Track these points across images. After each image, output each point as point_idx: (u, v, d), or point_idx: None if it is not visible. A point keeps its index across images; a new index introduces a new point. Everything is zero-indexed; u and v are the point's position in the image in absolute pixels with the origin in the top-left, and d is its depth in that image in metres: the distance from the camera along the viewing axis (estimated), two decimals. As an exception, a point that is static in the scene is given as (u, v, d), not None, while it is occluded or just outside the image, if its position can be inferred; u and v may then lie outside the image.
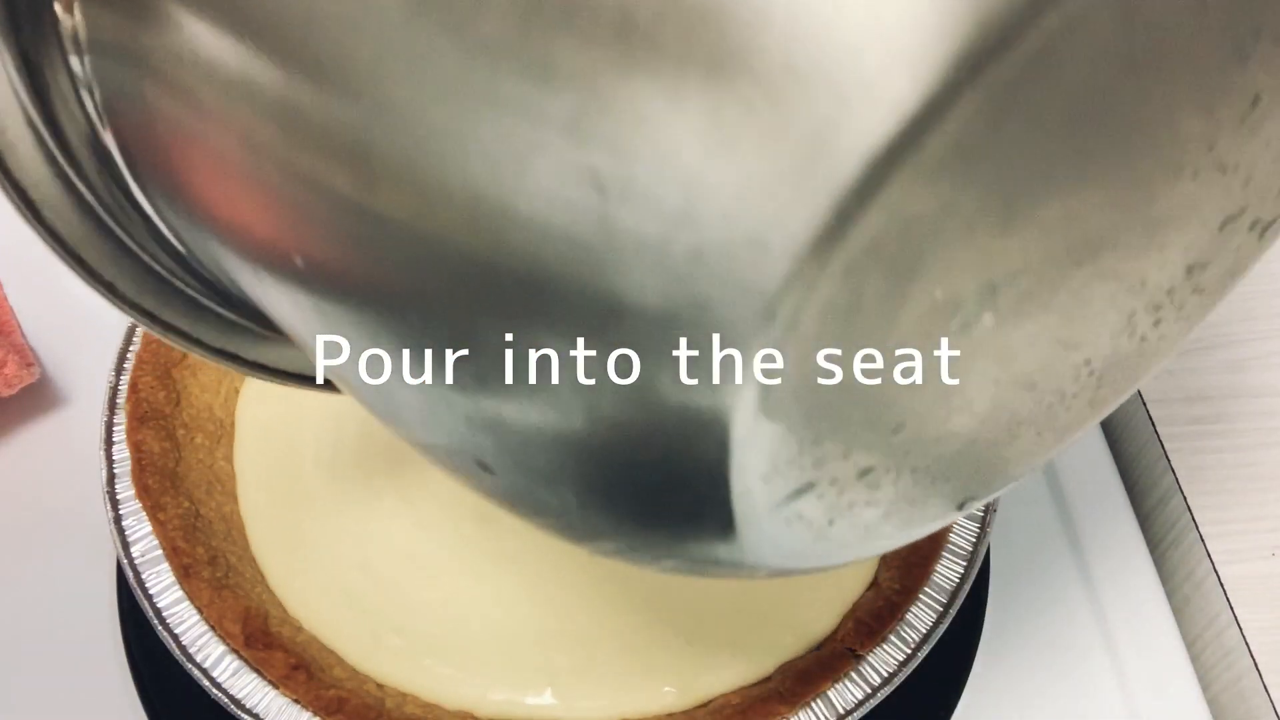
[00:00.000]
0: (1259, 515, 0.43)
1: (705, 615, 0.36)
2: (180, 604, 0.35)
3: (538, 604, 0.36)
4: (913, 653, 0.34)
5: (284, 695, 0.33)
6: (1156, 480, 0.45)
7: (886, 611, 0.35)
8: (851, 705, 0.34)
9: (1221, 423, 0.45)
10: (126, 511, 0.36)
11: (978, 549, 0.37)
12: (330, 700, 0.33)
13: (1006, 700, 0.39)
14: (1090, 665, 0.40)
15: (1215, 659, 0.41)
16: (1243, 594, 0.41)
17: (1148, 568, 0.43)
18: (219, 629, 0.34)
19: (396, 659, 0.35)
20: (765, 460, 0.16)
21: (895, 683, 0.34)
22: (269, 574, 0.37)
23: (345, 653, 0.35)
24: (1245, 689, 0.40)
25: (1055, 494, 0.45)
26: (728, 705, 0.34)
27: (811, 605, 0.36)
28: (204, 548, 0.37)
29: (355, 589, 0.37)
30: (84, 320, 0.47)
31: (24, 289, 0.47)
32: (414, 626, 0.36)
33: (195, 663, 0.34)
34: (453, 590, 0.37)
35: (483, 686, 0.35)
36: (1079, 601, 0.42)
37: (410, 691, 0.35)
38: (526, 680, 0.35)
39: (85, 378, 0.46)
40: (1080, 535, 0.43)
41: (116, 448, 0.38)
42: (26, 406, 0.44)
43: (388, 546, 0.38)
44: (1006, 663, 0.40)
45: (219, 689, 0.33)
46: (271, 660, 0.34)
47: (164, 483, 0.37)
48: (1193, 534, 0.42)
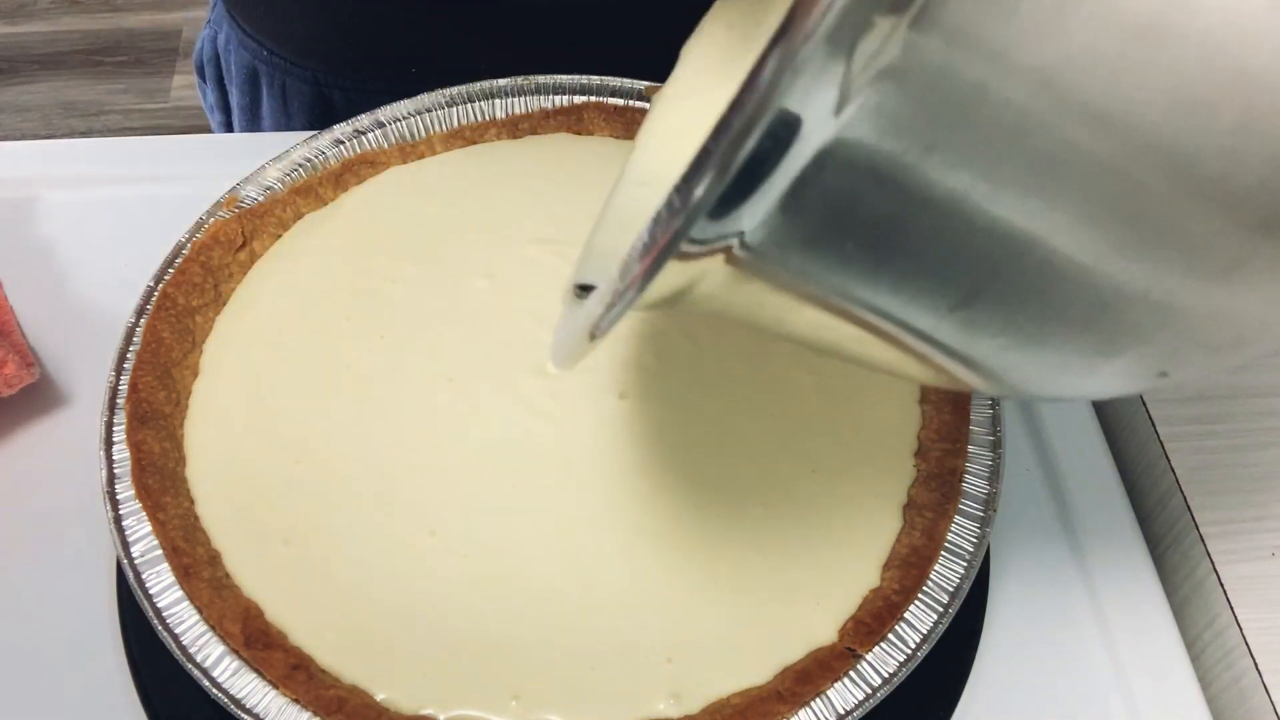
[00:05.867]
0: (1259, 515, 0.43)
1: (706, 615, 0.36)
2: (180, 604, 0.35)
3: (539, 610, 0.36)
4: (913, 653, 0.34)
5: (284, 695, 0.33)
6: (1156, 480, 0.45)
7: (886, 611, 0.35)
8: (851, 705, 0.34)
9: (1221, 423, 0.45)
10: (126, 511, 0.36)
11: (978, 549, 0.37)
12: (330, 700, 0.33)
13: (1006, 700, 0.39)
14: (1090, 664, 0.40)
15: (1215, 659, 0.41)
16: (1243, 594, 0.41)
17: (1148, 568, 0.43)
18: (219, 629, 0.34)
19: (376, 661, 0.35)
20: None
21: (895, 683, 0.34)
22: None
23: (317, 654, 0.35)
24: (1245, 689, 0.40)
25: (1055, 494, 0.45)
26: (727, 705, 0.34)
27: (812, 605, 0.36)
28: (204, 548, 0.37)
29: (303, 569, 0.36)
30: (84, 320, 0.47)
31: (24, 289, 0.48)
32: (400, 635, 0.36)
33: (195, 663, 0.34)
34: (453, 604, 0.37)
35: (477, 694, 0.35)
36: (1079, 601, 0.42)
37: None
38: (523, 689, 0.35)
39: (85, 378, 0.46)
40: (1080, 535, 0.43)
41: (116, 448, 0.38)
42: (26, 406, 0.44)
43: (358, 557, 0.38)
44: (1006, 663, 0.40)
45: (219, 689, 0.33)
46: (271, 660, 0.34)
47: (164, 483, 0.37)
48: (1193, 534, 0.42)
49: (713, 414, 0.41)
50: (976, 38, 0.17)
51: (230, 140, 0.62)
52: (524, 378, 0.41)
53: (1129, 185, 0.19)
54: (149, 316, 0.41)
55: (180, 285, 0.42)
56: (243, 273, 0.44)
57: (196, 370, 0.41)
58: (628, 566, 0.37)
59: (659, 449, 0.40)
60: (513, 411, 0.40)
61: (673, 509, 0.38)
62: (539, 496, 0.38)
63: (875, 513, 0.38)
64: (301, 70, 0.60)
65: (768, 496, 0.39)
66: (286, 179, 0.45)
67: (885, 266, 0.21)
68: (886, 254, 0.21)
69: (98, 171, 0.53)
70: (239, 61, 0.63)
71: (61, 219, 0.51)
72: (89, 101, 1.71)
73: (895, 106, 0.18)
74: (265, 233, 0.45)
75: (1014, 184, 0.19)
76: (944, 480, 0.39)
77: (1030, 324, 0.22)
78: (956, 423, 0.40)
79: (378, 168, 0.47)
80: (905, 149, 0.18)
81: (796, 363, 0.42)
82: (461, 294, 0.44)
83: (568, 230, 0.45)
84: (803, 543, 0.38)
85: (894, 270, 0.21)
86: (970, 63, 0.17)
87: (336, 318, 0.43)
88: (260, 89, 0.63)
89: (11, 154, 0.54)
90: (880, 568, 0.37)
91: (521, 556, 0.37)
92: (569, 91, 0.49)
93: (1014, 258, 0.20)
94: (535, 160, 0.48)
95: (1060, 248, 0.20)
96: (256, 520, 0.37)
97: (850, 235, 0.20)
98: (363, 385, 0.41)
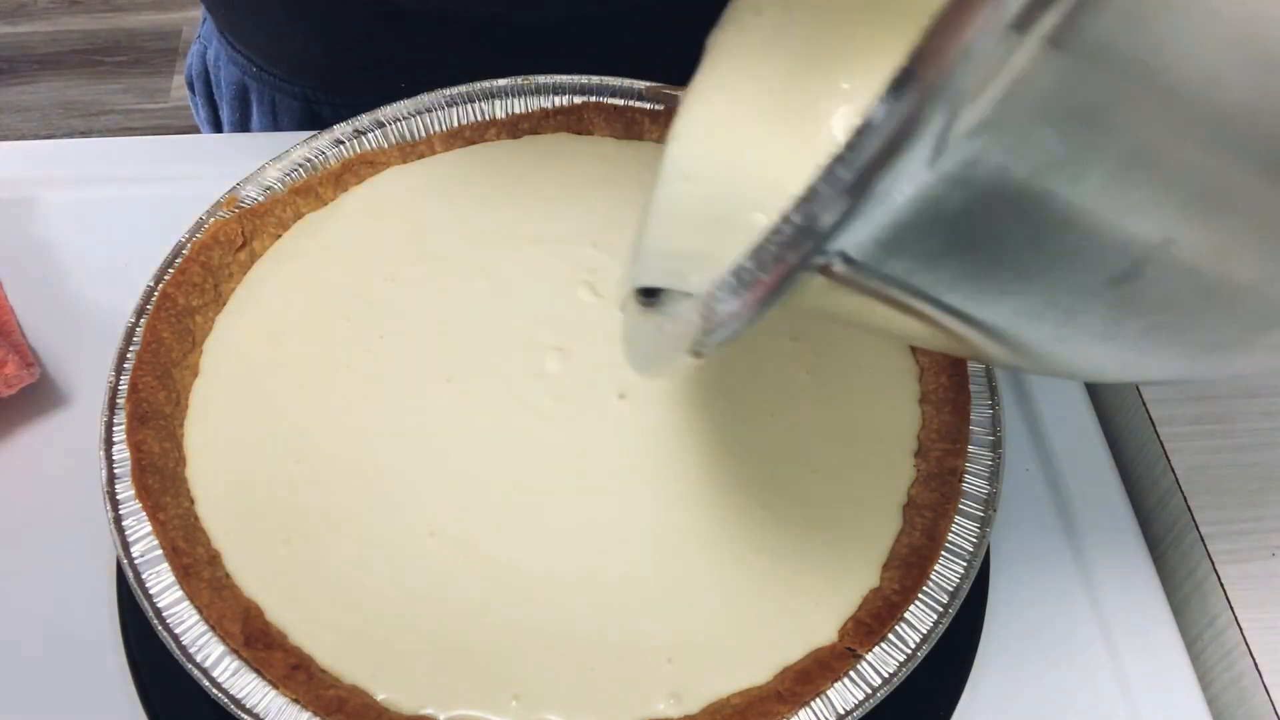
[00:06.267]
0: (1259, 515, 0.43)
1: (705, 615, 0.36)
2: (180, 604, 0.35)
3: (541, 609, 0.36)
4: (913, 653, 0.34)
5: (284, 695, 0.33)
6: (1156, 480, 0.45)
7: (886, 611, 0.35)
8: (851, 705, 0.34)
9: (1221, 423, 0.45)
10: (126, 511, 0.36)
11: (978, 549, 0.37)
12: (330, 700, 0.33)
13: (1006, 700, 0.39)
14: (1090, 665, 0.40)
15: (1215, 659, 0.41)
16: (1243, 594, 0.41)
17: (1148, 568, 0.43)
18: (219, 629, 0.34)
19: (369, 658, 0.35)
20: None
21: (895, 683, 0.34)
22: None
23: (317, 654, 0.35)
24: (1245, 689, 0.40)
25: (1055, 494, 0.45)
26: (727, 705, 0.34)
27: (812, 605, 0.36)
28: (204, 548, 0.37)
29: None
30: (84, 320, 0.47)
31: (24, 289, 0.48)
32: (400, 635, 0.36)
33: (195, 663, 0.34)
34: (453, 604, 0.37)
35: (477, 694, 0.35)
36: (1079, 601, 0.42)
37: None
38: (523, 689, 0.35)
39: (85, 378, 0.46)
40: (1080, 535, 0.43)
41: (116, 448, 0.38)
42: (26, 406, 0.44)
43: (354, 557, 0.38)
44: (1006, 663, 0.40)
45: (219, 689, 0.33)
46: (271, 660, 0.34)
47: (164, 483, 0.37)
48: (1193, 534, 0.42)
49: (712, 414, 0.41)
50: (1123, 53, 0.17)
51: (230, 140, 0.62)
52: (523, 378, 0.41)
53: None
54: (149, 316, 0.41)
55: (180, 285, 0.42)
56: (243, 273, 0.44)
57: (196, 370, 0.41)
58: (628, 566, 0.37)
59: (658, 450, 0.40)
60: (512, 411, 0.40)
61: (672, 509, 0.38)
62: (539, 497, 0.38)
63: (875, 513, 0.38)
64: (291, 86, 0.60)
65: (768, 496, 0.39)
66: (286, 179, 0.45)
67: (1025, 279, 0.20)
68: (1016, 266, 0.20)
69: (98, 171, 0.53)
70: (228, 77, 0.63)
71: (61, 219, 0.51)
72: (89, 101, 1.71)
73: (1031, 129, 0.17)
74: (265, 233, 0.45)
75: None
76: (944, 480, 0.39)
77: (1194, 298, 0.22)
78: (956, 423, 0.40)
79: (378, 168, 0.47)
80: (1042, 170, 0.18)
81: (796, 363, 0.42)
82: (461, 294, 0.44)
83: (567, 230, 0.45)
84: (802, 543, 0.38)
85: (1028, 281, 0.21)
86: (1109, 77, 0.17)
87: (336, 318, 0.43)
88: (250, 104, 0.63)
89: (11, 154, 0.54)
90: (880, 568, 0.37)
91: (521, 556, 0.37)
92: (569, 91, 0.49)
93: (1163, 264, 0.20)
94: (535, 160, 0.48)
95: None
96: (256, 520, 0.37)
97: (973, 249, 0.20)
98: (363, 385, 0.41)
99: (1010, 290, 0.21)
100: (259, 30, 0.59)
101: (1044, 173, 0.18)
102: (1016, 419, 0.47)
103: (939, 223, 0.19)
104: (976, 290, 0.21)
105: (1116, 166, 0.18)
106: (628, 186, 0.47)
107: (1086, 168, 0.18)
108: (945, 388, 0.41)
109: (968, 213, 0.18)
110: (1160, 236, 0.20)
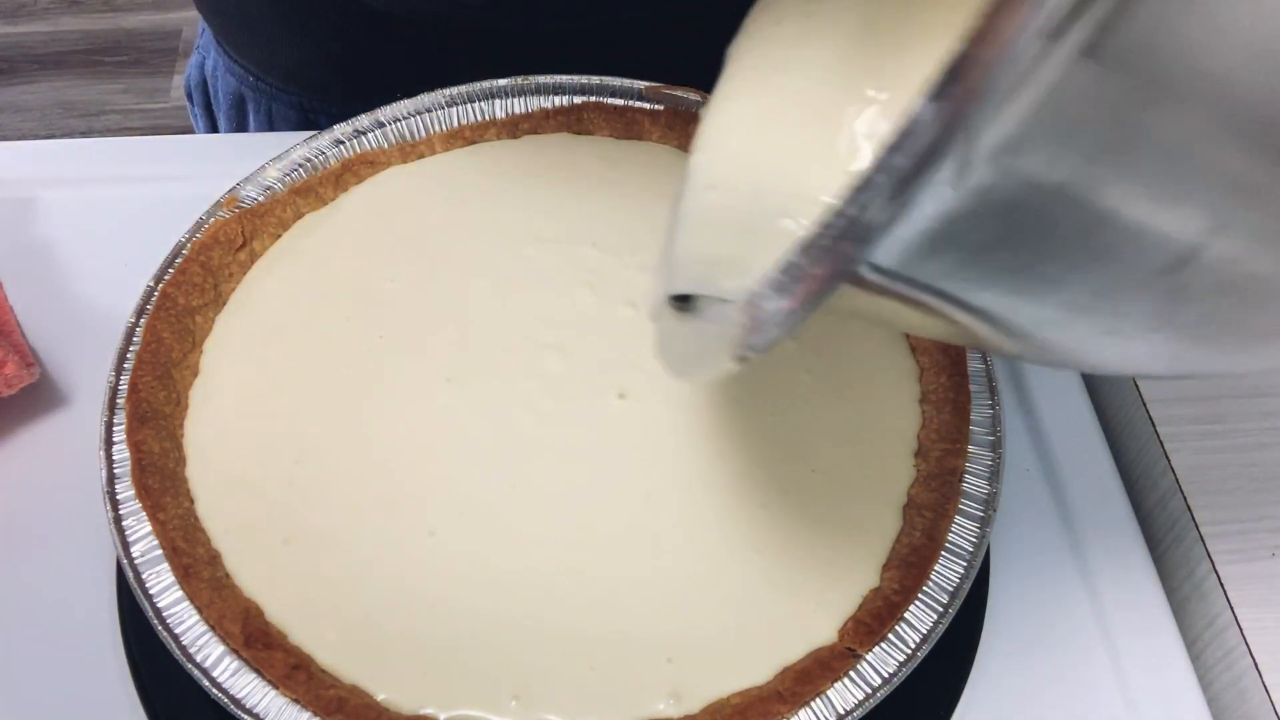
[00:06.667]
0: (1259, 515, 0.43)
1: (706, 615, 0.36)
2: (180, 604, 0.35)
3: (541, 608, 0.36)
4: (913, 653, 0.34)
5: (284, 695, 0.33)
6: (1156, 480, 0.45)
7: (886, 611, 0.35)
8: (851, 705, 0.34)
9: (1221, 423, 0.45)
10: (126, 511, 0.36)
11: (978, 549, 0.37)
12: (330, 700, 0.33)
13: (1006, 700, 0.39)
14: (1090, 665, 0.40)
15: (1215, 659, 0.41)
16: (1243, 594, 0.41)
17: (1148, 568, 0.43)
18: (219, 629, 0.34)
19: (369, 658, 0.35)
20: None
21: (895, 683, 0.34)
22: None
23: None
24: (1245, 689, 0.40)
25: (1055, 494, 0.45)
26: (727, 705, 0.34)
27: (812, 605, 0.36)
28: (204, 548, 0.37)
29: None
30: (84, 320, 0.47)
31: (24, 289, 0.48)
32: (400, 635, 0.36)
33: (195, 663, 0.34)
34: (453, 604, 0.37)
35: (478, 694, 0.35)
36: (1079, 601, 0.42)
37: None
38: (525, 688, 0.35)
39: (85, 378, 0.46)
40: (1080, 535, 0.43)
41: (116, 448, 0.38)
42: (26, 406, 0.44)
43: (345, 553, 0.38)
44: (1006, 663, 0.40)
45: (219, 689, 0.33)
46: (271, 660, 0.34)
47: (164, 483, 0.37)
48: (1193, 534, 0.42)
49: (713, 414, 0.41)
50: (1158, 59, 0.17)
51: (230, 140, 0.62)
52: (523, 378, 0.41)
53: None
54: (149, 316, 0.41)
55: (180, 285, 0.42)
56: (243, 273, 0.44)
57: (196, 370, 0.41)
58: (628, 566, 0.37)
59: (658, 450, 0.40)
60: (512, 411, 0.40)
61: (672, 509, 0.38)
62: (538, 496, 0.38)
63: (875, 513, 0.38)
64: (288, 95, 0.60)
65: (768, 496, 0.39)
66: (286, 179, 0.45)
67: (1076, 269, 0.21)
68: (1066, 260, 0.20)
69: (98, 171, 0.53)
70: (225, 87, 0.63)
71: (61, 219, 0.51)
72: (89, 101, 1.71)
73: (1074, 128, 0.18)
74: (265, 233, 0.45)
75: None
76: (944, 480, 0.39)
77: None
78: (956, 423, 0.40)
79: (378, 168, 0.47)
80: (1089, 163, 0.18)
81: (796, 363, 0.42)
82: (461, 294, 0.44)
83: (567, 230, 0.45)
84: (803, 543, 0.38)
85: (1077, 275, 0.21)
86: (1142, 85, 0.17)
87: (336, 318, 0.43)
88: (247, 114, 0.63)
89: (11, 154, 0.54)
90: (880, 568, 0.37)
91: (521, 556, 0.37)
92: (569, 91, 0.49)
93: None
94: (535, 160, 0.48)
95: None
96: (256, 520, 0.37)
97: (1006, 251, 0.20)
98: (362, 385, 0.41)
99: (1060, 282, 0.21)
100: (255, 39, 0.59)
101: (1090, 166, 0.18)
102: (1016, 419, 0.47)
103: (989, 215, 0.19)
104: (1019, 285, 0.21)
105: (1161, 159, 0.19)
106: (628, 186, 0.47)
107: (1133, 160, 0.18)
108: (945, 388, 0.41)
109: (1018, 205, 0.19)
110: (1212, 222, 0.20)
